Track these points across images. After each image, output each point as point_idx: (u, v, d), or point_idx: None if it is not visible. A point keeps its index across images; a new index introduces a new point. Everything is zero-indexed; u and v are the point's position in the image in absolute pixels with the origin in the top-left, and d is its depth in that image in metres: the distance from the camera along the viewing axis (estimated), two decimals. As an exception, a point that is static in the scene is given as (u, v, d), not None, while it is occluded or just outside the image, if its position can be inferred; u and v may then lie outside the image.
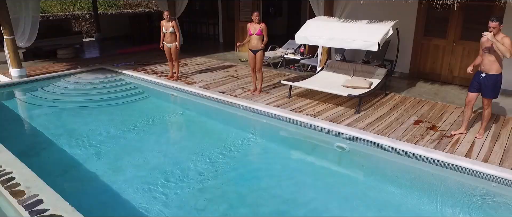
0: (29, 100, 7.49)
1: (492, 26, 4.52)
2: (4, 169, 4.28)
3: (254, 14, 6.42)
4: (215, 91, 6.99)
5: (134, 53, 11.14)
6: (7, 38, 7.79)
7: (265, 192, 4.32)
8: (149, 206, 4.06)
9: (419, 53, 8.16)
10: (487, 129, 5.27)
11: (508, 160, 4.37)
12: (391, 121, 5.57)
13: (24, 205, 3.56)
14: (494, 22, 4.51)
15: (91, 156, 5.29)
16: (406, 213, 3.83)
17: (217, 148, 5.29)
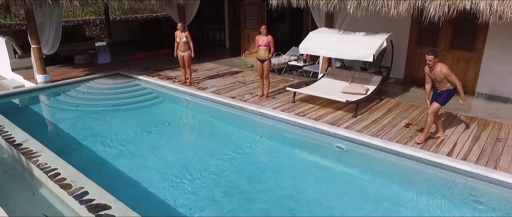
0: (54, 105, 8.16)
1: (429, 60, 5.20)
2: (50, 165, 4.97)
3: (262, 27, 7.10)
4: (226, 97, 7.68)
5: (146, 59, 11.81)
6: (34, 47, 8.49)
7: (272, 186, 5.00)
8: (173, 198, 4.75)
9: (412, 61, 8.82)
10: (467, 131, 5.95)
11: (484, 158, 5.04)
12: (384, 124, 6.25)
13: (73, 196, 4.25)
14: (430, 56, 5.18)
15: (118, 155, 5.98)
16: (396, 203, 4.51)
17: (229, 148, 5.98)
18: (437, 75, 5.28)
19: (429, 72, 5.41)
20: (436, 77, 5.35)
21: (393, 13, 6.08)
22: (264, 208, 4.50)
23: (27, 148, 5.52)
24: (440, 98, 5.42)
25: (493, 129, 6.11)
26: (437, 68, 5.23)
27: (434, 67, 5.24)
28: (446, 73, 5.20)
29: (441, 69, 5.20)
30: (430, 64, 5.21)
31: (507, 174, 4.59)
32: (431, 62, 5.19)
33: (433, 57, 5.17)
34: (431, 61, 5.18)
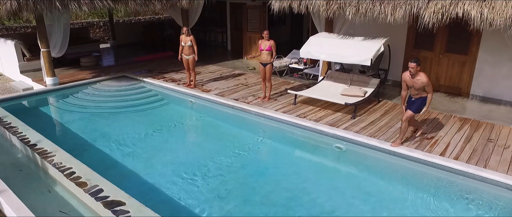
0: (64, 107, 8.44)
1: (411, 67, 5.34)
2: (65, 165, 5.27)
3: (264, 32, 7.39)
4: (230, 99, 7.97)
5: (150, 61, 12.10)
6: (43, 51, 8.78)
7: (274, 183, 5.30)
8: (181, 195, 5.04)
9: (409, 64, 9.11)
10: (458, 132, 6.25)
11: (475, 158, 5.34)
12: (381, 125, 6.55)
13: (89, 193, 4.54)
14: (412, 63, 5.33)
15: (127, 155, 6.28)
16: (391, 199, 4.80)
17: (234, 147, 6.28)
18: (417, 83, 5.42)
19: (408, 80, 5.52)
20: (415, 85, 5.48)
21: (390, 19, 6.37)
22: (266, 203, 4.79)
23: (42, 148, 5.81)
24: (414, 106, 5.57)
25: (485, 130, 6.40)
26: (418, 77, 5.39)
27: (415, 75, 5.39)
28: (426, 83, 5.35)
29: (422, 79, 5.36)
30: (412, 71, 5.35)
31: (495, 172, 4.89)
32: (413, 70, 5.33)
33: (415, 65, 5.32)
34: (414, 68, 5.32)
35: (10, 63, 10.86)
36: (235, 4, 12.97)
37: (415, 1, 6.11)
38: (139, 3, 9.25)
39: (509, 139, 6.05)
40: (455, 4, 5.73)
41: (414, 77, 5.42)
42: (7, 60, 11.02)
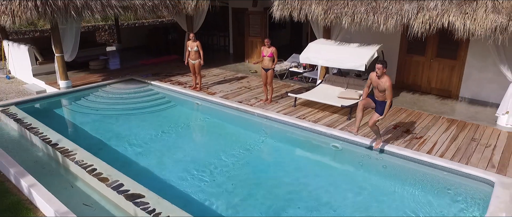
0: (77, 109, 8.96)
1: (378, 68, 5.60)
2: (86, 162, 5.80)
3: (266, 40, 7.93)
4: (234, 101, 8.50)
5: (155, 64, 12.62)
6: (58, 56, 9.31)
7: (276, 179, 5.83)
8: (192, 190, 5.57)
9: (403, 68, 9.65)
10: (446, 133, 6.79)
11: (458, 155, 5.88)
12: (375, 126, 7.08)
13: (111, 187, 5.07)
14: (379, 65, 5.58)
15: (139, 153, 6.80)
16: (381, 192, 5.34)
17: (238, 146, 6.82)
18: (380, 85, 5.68)
19: (374, 80, 5.79)
20: (378, 87, 5.74)
21: (383, 28, 6.91)
22: (269, 197, 5.32)
23: (63, 147, 6.34)
24: (380, 109, 5.89)
25: (470, 130, 6.95)
26: (384, 79, 5.63)
27: (381, 77, 5.69)
28: (388, 86, 5.58)
29: (386, 82, 5.60)
30: (379, 73, 5.65)
31: (475, 168, 5.43)
32: (380, 71, 5.62)
33: (382, 66, 5.57)
34: (380, 70, 5.59)
35: (23, 66, 11.37)
36: (237, 9, 13.50)
37: (405, 12, 6.64)
38: (148, 11, 9.78)
39: (491, 138, 6.59)
40: (441, 16, 6.27)
41: (380, 79, 5.70)
42: (20, 63, 11.53)
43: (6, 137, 7.39)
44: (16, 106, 8.41)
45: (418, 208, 4.93)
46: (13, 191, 5.41)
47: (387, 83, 5.60)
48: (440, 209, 4.93)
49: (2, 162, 5.83)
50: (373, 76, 5.84)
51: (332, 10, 7.46)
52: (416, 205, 4.98)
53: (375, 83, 5.83)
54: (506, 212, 4.39)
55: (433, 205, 5.01)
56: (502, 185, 5.01)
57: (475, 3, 6.07)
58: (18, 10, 7.77)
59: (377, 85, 5.78)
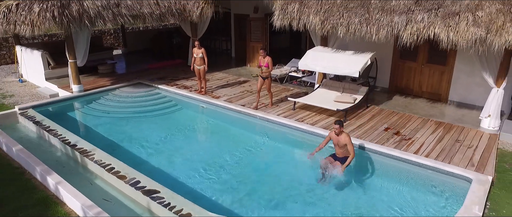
0: (90, 112, 9.54)
1: (335, 128, 5.90)
2: (104, 162, 6.38)
3: (261, 51, 8.44)
4: (237, 104, 9.09)
5: (161, 68, 13.19)
6: (71, 62, 9.90)
7: (277, 176, 6.42)
8: (200, 186, 6.16)
9: (396, 73, 10.24)
10: (436, 134, 7.39)
11: (442, 155, 6.47)
12: (368, 128, 7.67)
13: (129, 184, 5.66)
14: (336, 126, 5.88)
15: (151, 154, 7.40)
16: (372, 188, 5.93)
17: (242, 147, 7.42)
18: (341, 141, 5.94)
19: (334, 137, 6.05)
20: (338, 143, 6.00)
21: (375, 39, 7.49)
22: (270, 193, 5.90)
23: (82, 148, 6.94)
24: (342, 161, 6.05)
25: (456, 132, 7.54)
26: (342, 136, 5.93)
27: (339, 135, 5.95)
28: (348, 141, 5.86)
29: (345, 137, 5.90)
30: (336, 132, 5.92)
31: (456, 167, 6.03)
32: (337, 131, 5.90)
33: (339, 126, 5.89)
34: (338, 130, 5.89)
35: (36, 70, 11.94)
36: (239, 15, 14.08)
37: (395, 24, 7.23)
38: (155, 19, 10.36)
39: (474, 139, 7.19)
40: (428, 28, 6.86)
41: (339, 136, 5.96)
42: (33, 68, 12.11)
43: (26, 138, 7.97)
44: (33, 109, 8.99)
45: (404, 202, 5.53)
46: (39, 187, 5.99)
47: (347, 139, 5.88)
48: (423, 202, 5.53)
49: (28, 161, 6.42)
50: (332, 134, 6.09)
51: (329, 20, 8.05)
52: (402, 200, 5.58)
53: (335, 141, 6.05)
54: (479, 205, 4.99)
55: (417, 199, 5.61)
56: (479, 181, 5.60)
57: (458, 17, 6.67)
58: (37, 20, 8.35)
59: (337, 142, 6.02)
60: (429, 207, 5.44)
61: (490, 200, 5.67)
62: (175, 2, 10.90)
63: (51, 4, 8.44)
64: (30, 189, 5.96)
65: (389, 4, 7.53)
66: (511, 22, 6.20)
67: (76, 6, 8.85)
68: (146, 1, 10.28)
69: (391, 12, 7.40)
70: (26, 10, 8.63)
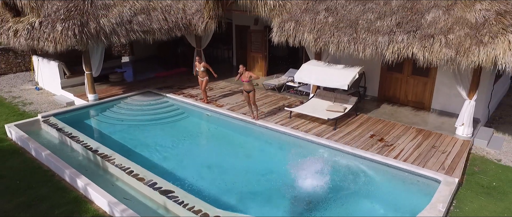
0: (105, 119, 10.49)
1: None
2: (124, 165, 7.33)
3: (241, 67, 9.22)
4: (239, 113, 10.04)
5: (168, 77, 14.14)
6: (87, 73, 10.86)
7: (275, 178, 7.35)
8: (210, 187, 7.10)
9: (384, 83, 11.18)
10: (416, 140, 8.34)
11: (418, 160, 7.42)
12: (355, 135, 8.63)
13: (148, 185, 6.61)
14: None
15: (163, 158, 8.34)
16: (357, 188, 6.88)
17: (245, 152, 8.36)
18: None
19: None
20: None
21: (361, 56, 8.45)
22: (266, 193, 6.84)
23: (103, 153, 7.89)
24: None
25: (433, 138, 8.49)
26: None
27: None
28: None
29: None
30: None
31: (428, 170, 6.98)
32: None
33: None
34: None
35: (52, 79, 12.90)
36: (240, 26, 15.04)
37: (379, 43, 8.18)
38: (164, 33, 11.32)
39: (448, 145, 8.14)
40: (406, 48, 7.81)
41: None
42: (49, 77, 13.07)
43: (50, 144, 8.91)
44: (55, 117, 9.95)
45: (382, 200, 6.49)
46: (70, 188, 6.95)
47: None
48: (397, 200, 6.50)
49: (58, 165, 7.37)
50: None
51: (321, 38, 9.01)
52: (380, 198, 6.54)
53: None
54: (443, 203, 5.94)
55: (393, 198, 6.57)
56: (446, 183, 6.56)
57: (432, 39, 7.62)
58: (59, 38, 9.30)
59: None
60: (402, 204, 6.40)
61: (456, 199, 6.65)
62: (181, 17, 11.86)
63: (72, 23, 9.39)
64: (61, 189, 6.92)
65: (374, 25, 8.48)
66: (476, 45, 7.16)
67: (94, 24, 9.81)
68: (155, 17, 11.24)
69: (375, 32, 8.36)
70: (49, 28, 9.58)
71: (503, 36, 6.98)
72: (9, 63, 15.85)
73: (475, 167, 7.81)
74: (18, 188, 6.95)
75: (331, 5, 9.43)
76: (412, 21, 8.11)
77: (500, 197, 6.78)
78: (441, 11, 7.96)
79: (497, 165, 7.97)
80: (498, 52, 6.95)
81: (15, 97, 12.58)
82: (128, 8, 10.79)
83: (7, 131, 9.36)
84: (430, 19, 7.97)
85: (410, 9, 8.37)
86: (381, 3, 8.85)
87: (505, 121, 10.63)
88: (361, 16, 8.82)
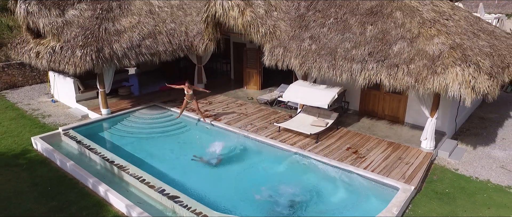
0: (117, 132, 11.88)
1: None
2: (138, 174, 8.74)
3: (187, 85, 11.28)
4: (235, 127, 11.46)
5: (171, 91, 15.50)
6: (101, 91, 12.29)
7: (263, 186, 8.75)
8: (207, 192, 8.49)
9: (364, 99, 12.59)
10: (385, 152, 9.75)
11: (384, 170, 8.81)
12: (334, 148, 10.03)
13: (158, 192, 8.01)
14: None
15: (171, 168, 9.72)
16: (329, 193, 8.28)
17: (240, 161, 9.76)
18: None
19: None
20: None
21: (338, 80, 9.87)
22: (256, 200, 8.24)
23: (118, 163, 9.29)
24: None
25: (401, 151, 9.90)
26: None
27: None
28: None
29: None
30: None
31: (390, 179, 8.38)
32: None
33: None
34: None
35: (67, 93, 14.33)
36: (237, 44, 16.48)
37: (353, 70, 9.60)
38: (169, 54, 12.75)
39: (413, 157, 9.55)
40: (375, 75, 9.23)
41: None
42: (64, 91, 14.49)
43: (70, 155, 10.30)
44: (73, 130, 11.37)
45: (348, 205, 7.91)
46: (92, 194, 8.36)
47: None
48: (361, 204, 7.91)
49: (81, 174, 8.79)
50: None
51: (305, 64, 10.44)
52: (347, 203, 7.96)
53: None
54: (397, 207, 7.35)
55: (358, 202, 7.98)
56: (404, 190, 7.97)
57: (397, 68, 9.04)
58: (79, 62, 10.73)
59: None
60: (364, 208, 7.81)
61: (412, 203, 8.06)
62: (184, 39, 13.30)
63: (89, 50, 10.82)
64: (86, 194, 8.34)
65: (350, 54, 9.90)
66: (432, 74, 8.57)
67: (108, 50, 11.23)
68: (161, 41, 12.67)
69: (351, 60, 9.78)
70: (69, 53, 11.01)
71: (452, 68, 8.40)
72: (25, 76, 17.28)
73: (434, 176, 9.22)
74: (49, 194, 8.37)
75: (314, 34, 10.87)
76: (381, 51, 9.53)
77: (449, 201, 8.19)
78: (406, 43, 9.38)
79: (453, 173, 9.38)
80: (448, 82, 8.37)
81: (34, 109, 14.00)
82: (137, 33, 12.23)
83: (33, 143, 10.78)
84: (396, 50, 9.39)
85: (381, 40, 9.79)
86: (357, 33, 10.28)
87: (471, 133, 12.05)
88: (340, 44, 10.24)
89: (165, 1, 14.17)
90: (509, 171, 9.54)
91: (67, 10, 12.05)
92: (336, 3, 11.54)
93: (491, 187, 8.81)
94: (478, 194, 8.48)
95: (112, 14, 12.34)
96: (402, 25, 9.81)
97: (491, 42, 11.04)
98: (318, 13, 11.53)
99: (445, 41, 9.01)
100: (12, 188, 8.56)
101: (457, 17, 11.48)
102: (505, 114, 13.97)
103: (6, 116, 13.20)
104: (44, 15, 11.53)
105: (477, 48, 9.46)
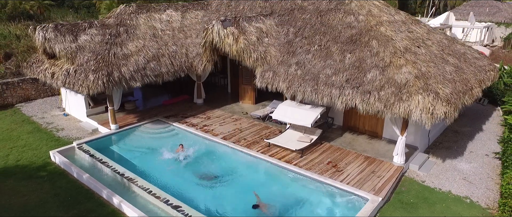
0: (123, 146, 13.28)
1: None
2: (145, 186, 10.13)
3: None
4: (230, 142, 12.85)
5: (173, 105, 16.92)
6: (110, 108, 13.69)
7: (252, 195, 10.14)
8: (205, 201, 9.88)
9: (347, 115, 13.98)
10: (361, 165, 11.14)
11: (358, 183, 10.20)
12: (316, 162, 11.43)
13: (163, 202, 9.40)
14: None
15: (173, 178, 11.11)
16: (309, 203, 9.68)
17: (231, 173, 11.15)
18: None
19: None
20: None
21: (321, 103, 11.27)
22: (246, 208, 9.63)
23: (128, 176, 10.68)
24: None
25: (375, 165, 11.29)
26: None
27: None
28: None
29: None
30: None
31: (361, 191, 9.77)
32: None
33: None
34: None
35: (78, 108, 15.73)
36: (233, 61, 17.85)
37: (333, 95, 11.00)
38: (171, 75, 14.16)
39: (385, 171, 10.94)
40: (351, 100, 10.64)
41: None
42: (75, 106, 15.90)
43: (85, 167, 11.68)
44: (86, 144, 12.76)
45: (323, 211, 9.32)
46: (107, 204, 9.75)
47: None
48: (335, 212, 9.30)
49: (97, 186, 10.18)
50: None
51: (291, 87, 11.85)
52: (320, 211, 9.37)
53: None
54: (365, 215, 8.75)
55: (331, 211, 9.38)
56: (372, 201, 9.37)
57: (369, 94, 10.44)
58: (91, 85, 12.13)
59: None
60: (338, 213, 9.21)
61: (380, 212, 9.46)
62: (185, 61, 14.71)
63: (101, 74, 12.22)
64: (101, 204, 9.73)
65: (330, 79, 11.31)
66: (398, 101, 9.98)
67: (117, 73, 12.63)
68: (163, 63, 14.07)
69: (330, 85, 11.18)
70: (83, 76, 12.40)
71: (415, 96, 9.81)
72: (38, 90, 18.68)
73: (403, 187, 10.62)
74: (70, 203, 9.76)
75: (300, 60, 12.28)
76: (357, 79, 10.93)
77: (412, 211, 9.58)
78: (378, 72, 10.78)
79: (420, 185, 10.77)
80: (412, 108, 9.78)
81: (48, 123, 15.39)
82: (142, 56, 13.63)
83: (51, 156, 12.17)
84: (370, 77, 10.80)
85: (358, 67, 11.20)
86: (338, 60, 11.69)
87: (443, 146, 13.44)
88: (322, 70, 11.65)
89: (167, 24, 15.59)
90: (470, 182, 10.93)
91: (80, 36, 13.44)
92: (321, 30, 12.97)
93: (451, 197, 10.20)
94: (438, 204, 9.87)
95: (119, 39, 13.75)
96: (376, 54, 11.23)
97: (459, 66, 12.49)
98: (305, 40, 12.96)
99: (411, 71, 10.41)
100: (37, 198, 9.95)
101: (430, 42, 12.95)
102: (478, 127, 15.34)
103: (24, 129, 14.60)
104: (59, 41, 12.93)
105: (441, 76, 10.87)
